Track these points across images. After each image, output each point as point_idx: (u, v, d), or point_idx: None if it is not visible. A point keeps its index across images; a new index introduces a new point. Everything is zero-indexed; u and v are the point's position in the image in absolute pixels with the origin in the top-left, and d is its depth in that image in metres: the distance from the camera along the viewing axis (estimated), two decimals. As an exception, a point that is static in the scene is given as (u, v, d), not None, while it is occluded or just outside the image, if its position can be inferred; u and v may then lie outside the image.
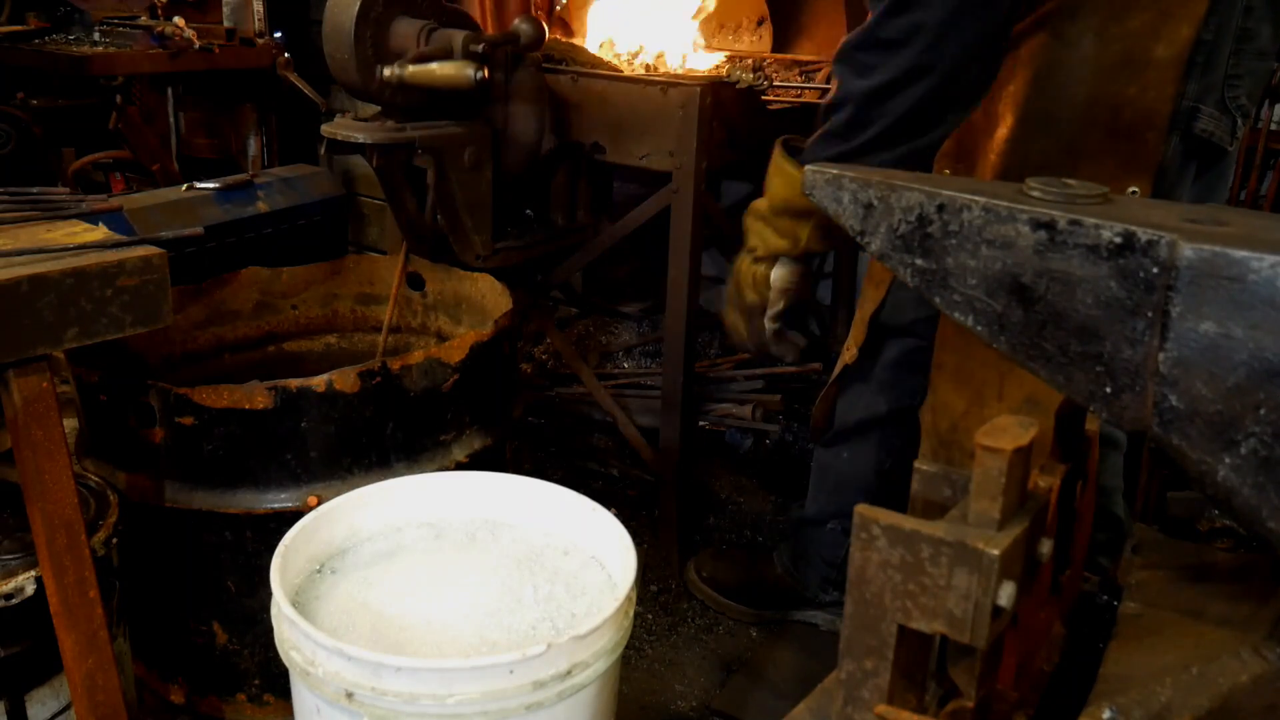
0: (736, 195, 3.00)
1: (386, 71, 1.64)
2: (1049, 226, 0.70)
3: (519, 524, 1.41)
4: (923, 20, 1.28)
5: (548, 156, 2.03)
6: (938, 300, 0.77)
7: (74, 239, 1.25)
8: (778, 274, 1.53)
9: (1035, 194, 0.74)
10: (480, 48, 1.72)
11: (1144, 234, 0.65)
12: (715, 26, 2.71)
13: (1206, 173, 1.47)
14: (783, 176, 1.48)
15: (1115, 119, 1.39)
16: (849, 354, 1.78)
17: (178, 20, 2.88)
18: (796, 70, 2.37)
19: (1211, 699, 0.70)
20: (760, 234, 1.54)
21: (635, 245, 2.30)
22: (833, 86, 1.42)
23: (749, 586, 2.09)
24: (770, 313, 1.58)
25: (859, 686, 0.71)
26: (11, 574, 1.29)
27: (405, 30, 1.72)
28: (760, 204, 1.54)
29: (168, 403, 1.50)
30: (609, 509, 1.35)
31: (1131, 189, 1.39)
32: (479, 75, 1.63)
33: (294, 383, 1.51)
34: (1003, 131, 1.46)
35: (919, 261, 0.77)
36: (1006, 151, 1.46)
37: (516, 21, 1.80)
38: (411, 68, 1.64)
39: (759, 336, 1.61)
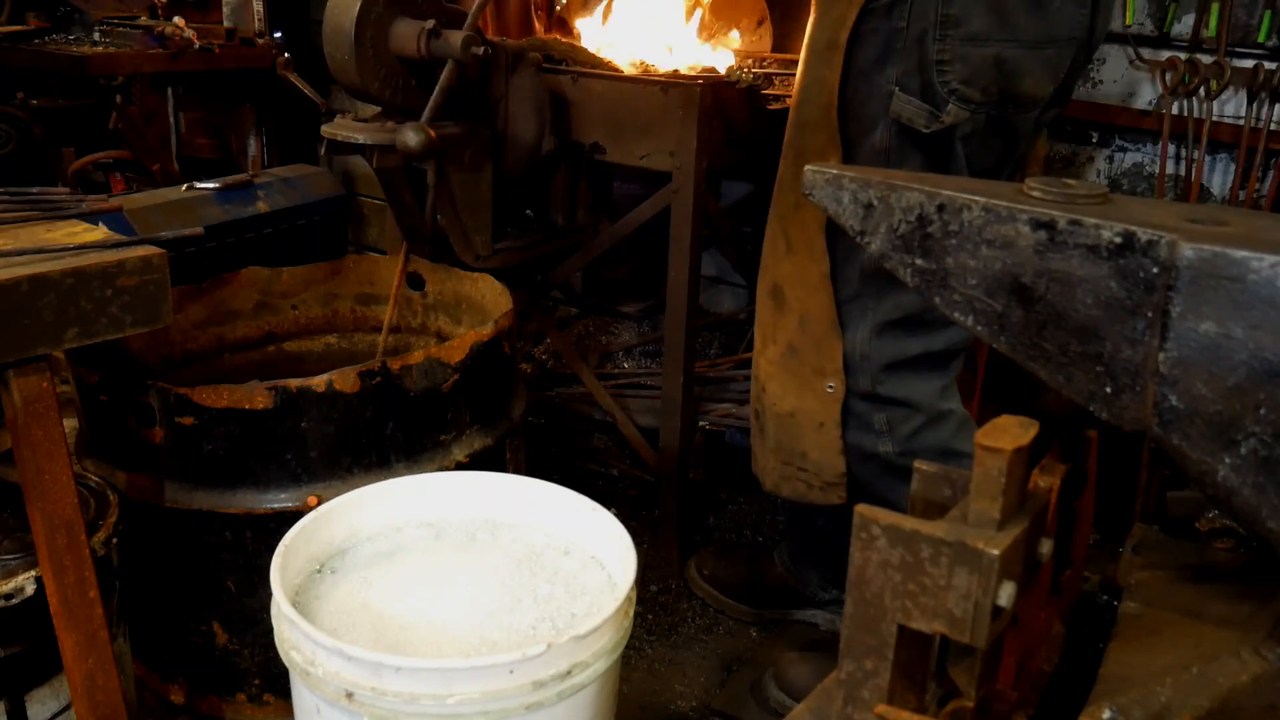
0: (736, 195, 3.00)
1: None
2: (1049, 226, 0.70)
3: (519, 524, 1.41)
4: None
5: (548, 156, 2.03)
6: (938, 300, 0.77)
7: (74, 239, 1.25)
8: None
9: (1035, 194, 0.74)
10: (481, 50, 1.72)
11: (1144, 234, 0.65)
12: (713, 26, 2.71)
13: (932, 155, 1.56)
14: None
15: (815, 98, 1.57)
16: None
17: (178, 20, 2.89)
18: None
19: (1211, 699, 0.70)
20: None
21: (635, 245, 2.30)
22: None
23: (750, 585, 2.09)
24: None
25: (859, 686, 0.71)
26: (11, 574, 1.29)
27: (405, 31, 1.71)
28: None
29: (168, 403, 1.50)
30: (609, 509, 1.35)
31: (833, 161, 1.55)
32: None
33: (294, 383, 1.51)
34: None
35: (919, 261, 0.77)
36: (786, 126, 1.66)
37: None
38: None
39: None
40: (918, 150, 1.55)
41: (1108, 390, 0.69)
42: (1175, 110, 2.33)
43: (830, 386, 1.65)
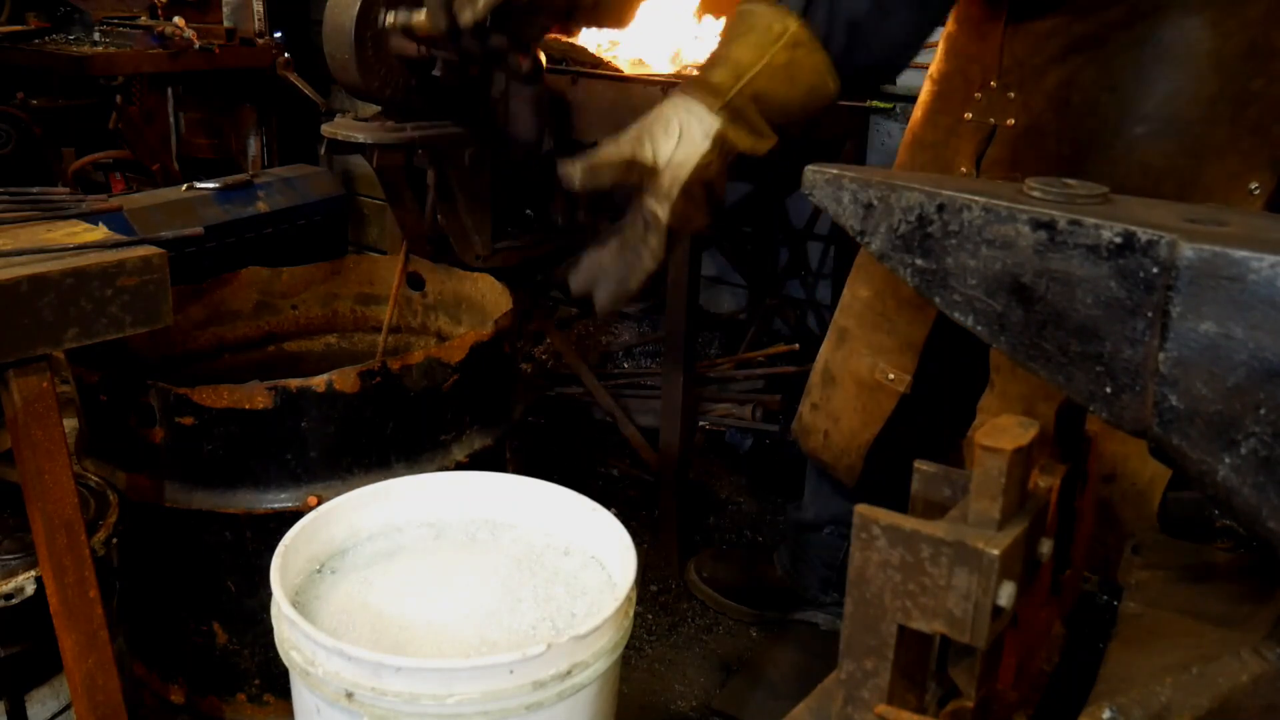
0: (736, 195, 3.00)
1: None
2: (1049, 226, 0.70)
3: (519, 524, 1.41)
4: None
5: (548, 156, 2.03)
6: (938, 300, 0.77)
7: (74, 239, 1.25)
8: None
9: (1035, 194, 0.74)
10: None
11: (1144, 234, 0.65)
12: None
13: None
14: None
15: (1240, 114, 1.30)
16: (901, 383, 1.66)
17: (178, 20, 2.89)
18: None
19: (1211, 699, 0.70)
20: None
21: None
22: None
23: (749, 587, 2.09)
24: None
25: (859, 686, 0.71)
26: (11, 574, 1.29)
27: (405, 30, 1.71)
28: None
29: (168, 403, 1.50)
30: (609, 509, 1.35)
31: (1253, 185, 1.32)
32: None
33: (294, 383, 1.51)
34: (1123, 135, 1.36)
35: (919, 261, 0.77)
36: (1121, 159, 1.36)
37: None
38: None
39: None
40: None
41: (1108, 390, 0.69)
42: (1175, 110, 2.33)
43: None
